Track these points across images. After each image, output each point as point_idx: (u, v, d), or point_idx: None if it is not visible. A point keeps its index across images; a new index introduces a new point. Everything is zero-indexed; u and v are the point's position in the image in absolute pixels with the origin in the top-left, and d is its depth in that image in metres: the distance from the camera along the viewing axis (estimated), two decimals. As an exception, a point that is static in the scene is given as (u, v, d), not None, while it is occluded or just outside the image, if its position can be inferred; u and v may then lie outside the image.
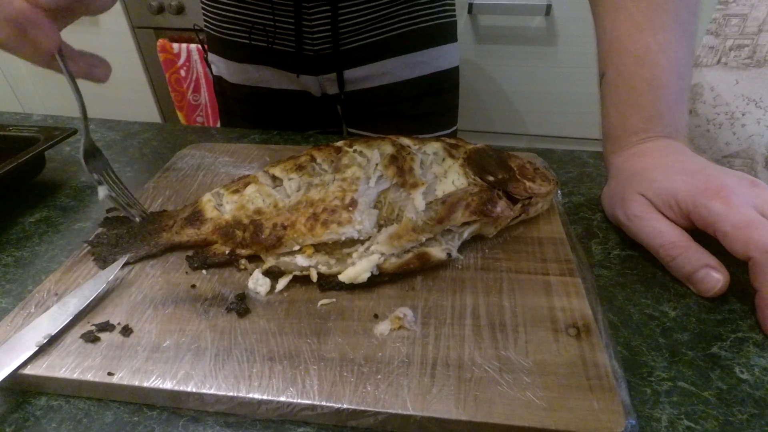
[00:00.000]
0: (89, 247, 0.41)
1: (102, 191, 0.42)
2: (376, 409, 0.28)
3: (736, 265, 0.37)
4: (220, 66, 0.81)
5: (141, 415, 0.31)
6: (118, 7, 1.52)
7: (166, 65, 1.54)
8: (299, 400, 0.29)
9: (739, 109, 2.35)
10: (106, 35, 1.58)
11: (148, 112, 1.73)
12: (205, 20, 0.79)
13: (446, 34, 0.78)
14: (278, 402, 0.29)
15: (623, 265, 0.42)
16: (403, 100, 0.78)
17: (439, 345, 0.32)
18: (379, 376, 0.30)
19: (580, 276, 0.38)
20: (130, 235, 0.42)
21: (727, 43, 2.18)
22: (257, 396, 0.29)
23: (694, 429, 0.29)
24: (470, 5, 1.31)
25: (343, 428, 0.30)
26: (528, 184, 0.42)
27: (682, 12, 0.46)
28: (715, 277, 0.37)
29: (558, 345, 0.32)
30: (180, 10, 1.50)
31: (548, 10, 1.29)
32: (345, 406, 0.29)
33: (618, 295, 0.39)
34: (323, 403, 0.29)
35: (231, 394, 0.29)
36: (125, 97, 1.71)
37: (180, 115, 1.65)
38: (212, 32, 0.78)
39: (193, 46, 1.50)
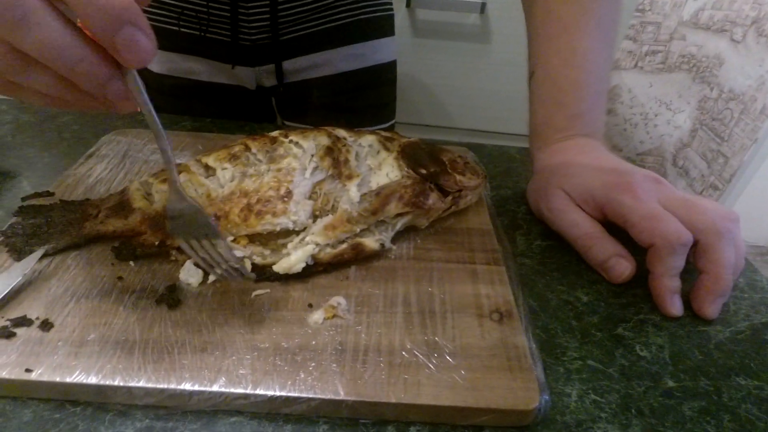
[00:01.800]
0: (2, 238, 0.39)
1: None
2: (309, 396, 0.29)
3: (641, 255, 0.41)
4: None
5: (63, 412, 0.30)
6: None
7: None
8: (231, 390, 0.29)
9: (653, 110, 2.54)
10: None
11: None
12: None
13: (384, 27, 0.79)
14: (210, 392, 0.29)
15: (543, 254, 0.45)
16: (341, 92, 0.78)
17: (371, 332, 0.33)
18: (313, 364, 0.31)
19: (505, 265, 0.40)
20: (49, 225, 0.40)
21: (644, 48, 2.34)
22: (188, 387, 0.29)
23: (599, 402, 0.32)
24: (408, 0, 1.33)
25: (277, 416, 0.30)
26: (458, 177, 0.44)
27: (605, 19, 0.50)
28: (624, 265, 0.41)
29: (482, 329, 0.34)
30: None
31: (483, 8, 1.34)
32: (278, 393, 0.29)
33: (538, 283, 0.42)
34: (256, 392, 0.29)
35: (161, 386, 0.29)
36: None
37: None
38: None
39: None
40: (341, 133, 0.46)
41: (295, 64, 0.74)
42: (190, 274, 0.37)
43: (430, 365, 0.31)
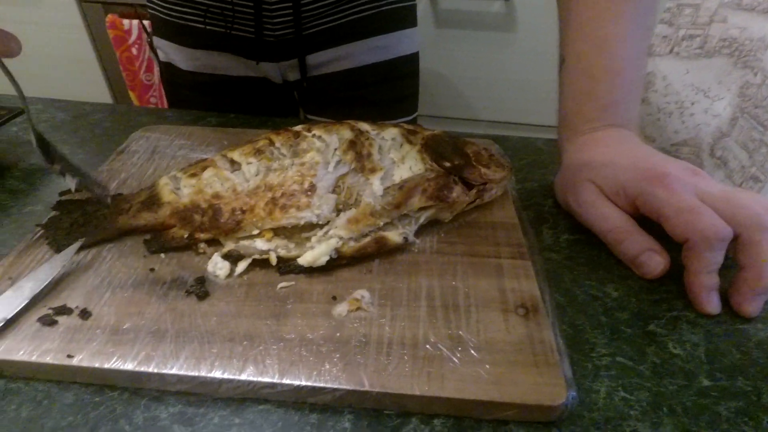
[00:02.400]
0: (42, 231, 0.40)
1: (72, 182, 0.41)
2: (334, 386, 0.29)
3: (675, 250, 0.40)
4: (169, 51, 0.76)
5: (102, 396, 0.31)
6: (63, -22, 1.44)
7: (116, 42, 1.48)
8: (259, 379, 0.30)
9: (689, 98, 2.45)
10: (50, 9, 1.50)
11: (99, 91, 1.66)
12: (150, 0, 0.75)
13: (406, 18, 0.78)
14: (239, 381, 0.30)
15: (571, 248, 0.45)
16: (364, 85, 0.78)
17: (394, 325, 0.34)
18: (337, 355, 0.31)
19: (531, 259, 0.40)
20: (85, 219, 0.41)
21: (680, 32, 2.26)
22: (218, 375, 0.30)
23: (629, 399, 0.32)
24: (431, -11, 1.32)
25: (303, 405, 0.31)
26: (483, 170, 0.43)
27: (641, 3, 0.48)
28: (657, 260, 0.40)
29: (507, 324, 0.34)
30: (131, -17, 1.44)
31: (508, -4, 1.31)
32: (304, 383, 0.30)
33: (565, 277, 0.41)
34: (283, 381, 0.30)
35: (192, 373, 0.30)
36: (73, 76, 1.63)
37: (132, 96, 1.59)
38: (159, 15, 0.73)
39: (146, 22, 1.44)
40: (364, 126, 0.46)
41: (318, 58, 0.75)
42: (217, 267, 0.37)
43: (454, 359, 0.31)
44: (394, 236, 0.39)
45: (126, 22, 1.43)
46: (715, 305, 0.38)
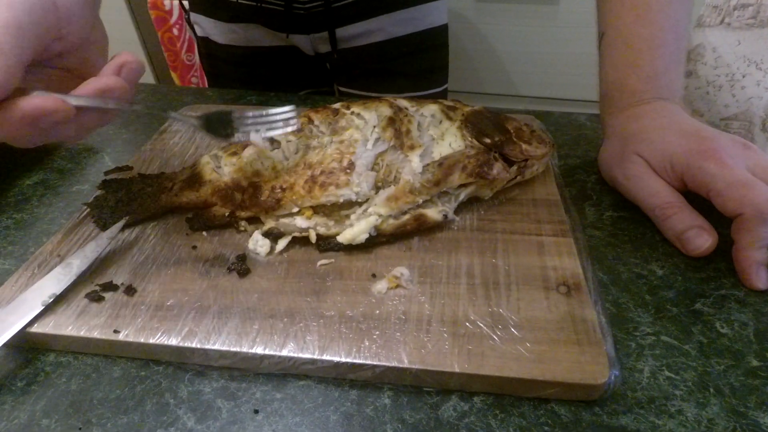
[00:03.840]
0: (89, 210, 0.42)
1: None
2: (374, 363, 0.30)
3: (723, 227, 0.38)
4: (206, 26, 0.78)
5: (148, 370, 0.32)
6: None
7: (157, 23, 1.50)
8: (300, 355, 0.30)
9: (740, 70, 2.32)
10: (93, -9, 1.54)
11: (140, 73, 1.70)
12: None
13: None
14: (280, 356, 0.30)
15: (615, 226, 0.43)
16: (394, 57, 0.78)
17: (434, 303, 0.33)
18: (377, 332, 0.31)
19: (573, 237, 0.39)
20: (129, 198, 0.43)
21: (732, 2, 2.14)
22: (260, 351, 0.30)
23: (674, 379, 0.31)
24: (469, -39, 1.28)
25: (343, 381, 0.31)
26: (524, 146, 0.42)
27: None
28: (704, 237, 0.39)
29: (548, 302, 0.33)
30: (170, -35, 1.45)
31: (549, -34, 1.27)
32: (344, 359, 0.30)
33: (608, 255, 0.40)
34: (323, 357, 0.30)
35: (234, 349, 0.31)
36: (115, 56, 1.68)
37: (174, 76, 1.62)
38: None
39: (186, 1, 1.46)
40: (403, 103, 0.45)
41: (347, 31, 0.74)
42: (258, 244, 0.38)
43: (495, 337, 0.31)
44: (433, 214, 0.39)
45: (167, 2, 1.45)
46: (765, 281, 0.36)
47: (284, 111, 0.38)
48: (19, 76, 0.28)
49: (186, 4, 0.81)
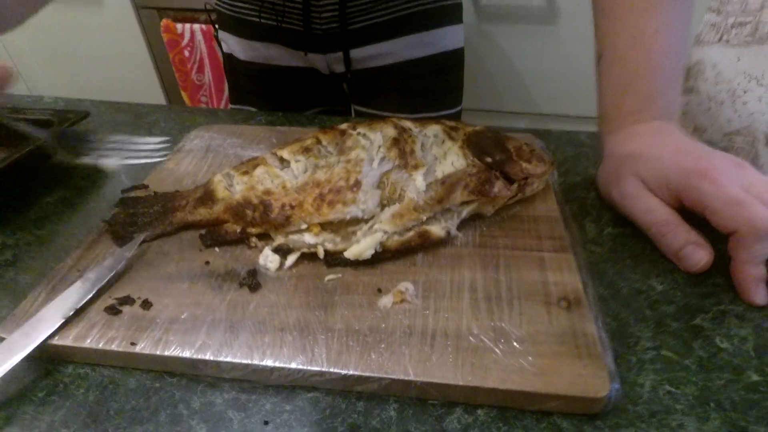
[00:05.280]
0: (107, 226, 0.43)
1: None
2: (380, 375, 0.31)
3: (721, 242, 0.39)
4: (230, 43, 0.83)
5: (162, 382, 0.33)
6: (121, -15, 1.52)
7: (170, 45, 1.54)
8: (309, 367, 0.31)
9: (741, 86, 2.34)
10: (109, 15, 1.59)
11: (152, 91, 1.74)
12: None
13: (451, 15, 0.79)
14: (289, 369, 0.31)
15: (615, 241, 0.44)
16: (409, 78, 0.80)
17: (438, 317, 0.34)
18: (383, 345, 0.32)
19: (573, 252, 0.40)
20: (145, 215, 0.44)
21: (729, 20, 2.16)
22: (270, 363, 0.32)
23: (674, 393, 0.31)
24: (472, -16, 1.31)
25: (350, 393, 0.32)
26: (524, 164, 0.43)
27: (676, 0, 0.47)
28: (700, 254, 0.40)
29: (550, 316, 0.34)
30: (183, -11, 1.50)
31: (549, -12, 1.29)
32: (351, 372, 0.31)
33: (609, 270, 0.41)
34: (331, 370, 0.31)
35: (245, 361, 0.32)
36: (129, 77, 1.72)
37: (184, 95, 1.65)
38: (223, 10, 0.80)
39: (196, 26, 1.50)
40: (407, 124, 0.47)
41: (362, 52, 0.77)
42: (268, 260, 0.39)
43: (497, 350, 0.32)
44: (437, 230, 0.40)
45: (179, 26, 1.49)
46: (763, 296, 0.37)
47: (152, 142, 0.40)
48: None
49: (213, 20, 0.86)
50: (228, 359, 0.32)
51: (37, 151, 0.52)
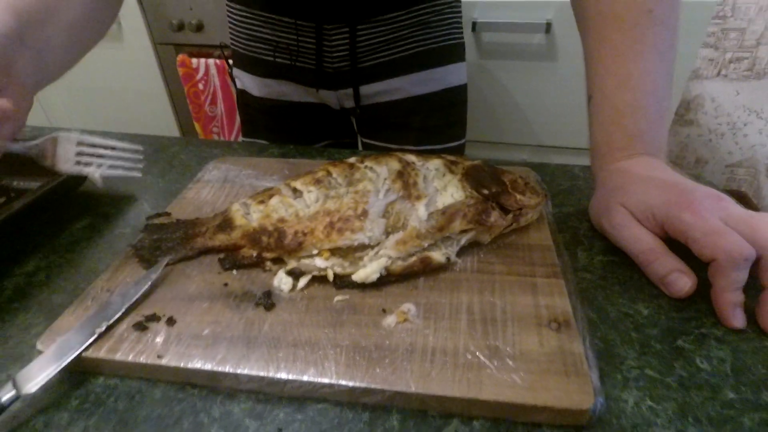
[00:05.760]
0: (134, 250, 0.47)
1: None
2: (384, 388, 0.34)
3: (703, 270, 0.42)
4: (244, 80, 0.87)
5: (184, 393, 0.36)
6: (140, 24, 1.60)
7: (185, 79, 1.62)
8: (319, 380, 0.34)
9: (741, 119, 2.39)
10: (129, 50, 1.66)
11: (167, 122, 1.81)
12: (232, 38, 0.86)
13: (455, 53, 0.84)
14: (301, 381, 0.34)
15: (605, 269, 0.47)
16: (415, 113, 0.85)
17: (438, 336, 0.38)
18: (387, 361, 0.35)
19: (564, 278, 0.43)
20: (169, 240, 0.48)
21: (727, 55, 2.23)
22: (283, 376, 0.35)
23: (655, 408, 0.34)
24: (474, 23, 1.37)
25: (356, 404, 0.35)
26: (518, 196, 0.47)
27: (660, 43, 0.52)
28: (684, 280, 0.42)
29: (540, 337, 0.37)
30: (199, 28, 1.58)
31: (548, 28, 1.35)
32: (357, 384, 0.34)
33: (598, 296, 0.44)
34: (339, 382, 0.34)
35: (261, 374, 0.35)
36: (145, 108, 1.79)
37: (197, 126, 1.72)
38: (238, 49, 0.85)
39: (210, 61, 1.57)
40: (410, 158, 0.51)
41: (371, 89, 0.82)
42: (282, 282, 0.43)
43: (491, 367, 0.35)
44: (437, 256, 0.44)
45: (194, 60, 1.56)
46: (740, 320, 0.40)
47: (127, 149, 0.44)
48: None
49: (226, 56, 0.92)
50: (246, 372, 0.35)
51: (69, 181, 0.56)
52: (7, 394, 0.33)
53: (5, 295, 0.46)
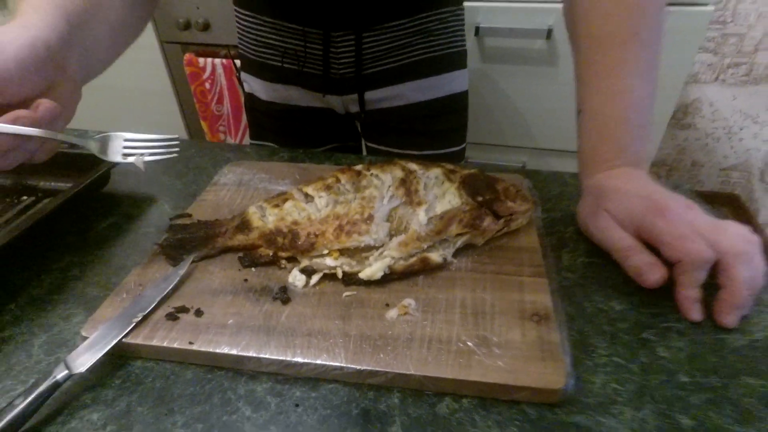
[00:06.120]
0: (160, 249, 0.52)
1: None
2: (387, 370, 0.39)
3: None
4: (252, 84, 0.92)
5: (213, 374, 0.42)
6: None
7: (192, 78, 1.66)
8: (331, 363, 0.40)
9: (737, 124, 2.44)
10: (136, 49, 1.69)
11: (174, 121, 1.85)
12: (240, 43, 0.90)
13: (457, 61, 0.88)
14: (315, 364, 0.40)
15: (585, 269, 0.53)
16: (417, 119, 0.89)
17: (434, 327, 0.43)
18: (389, 348, 0.41)
19: (548, 277, 0.49)
20: (192, 240, 0.53)
21: (725, 60, 2.28)
22: (300, 360, 0.40)
23: (619, 389, 0.39)
24: (477, 28, 1.42)
25: (362, 384, 0.40)
26: (509, 203, 0.52)
27: (643, 64, 0.56)
28: (656, 271, 0.47)
29: (523, 328, 0.43)
30: (206, 27, 1.62)
31: (549, 34, 1.40)
32: (364, 367, 0.39)
33: (578, 293, 0.49)
34: (348, 366, 0.39)
35: (281, 358, 0.40)
36: (152, 107, 1.84)
37: (204, 125, 1.76)
38: (247, 54, 0.89)
39: (217, 60, 1.61)
40: (412, 166, 0.56)
41: (375, 95, 0.86)
42: (296, 279, 0.48)
43: (479, 353, 0.40)
44: (435, 257, 0.49)
45: (201, 60, 1.61)
46: (698, 313, 0.45)
47: (165, 139, 0.52)
48: None
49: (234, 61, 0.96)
50: (267, 356, 0.40)
51: (98, 181, 0.61)
52: (61, 373, 0.38)
53: (45, 288, 0.51)
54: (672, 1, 1.33)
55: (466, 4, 0.91)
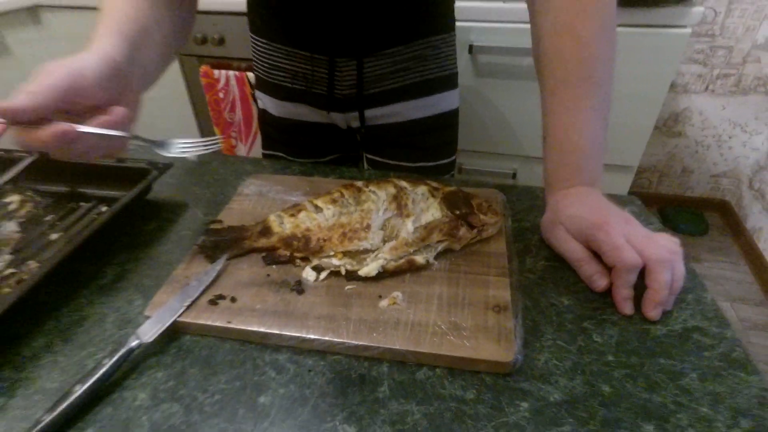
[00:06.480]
0: (199, 248, 0.65)
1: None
2: (378, 345, 0.51)
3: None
4: (265, 101, 1.04)
5: (245, 347, 0.54)
6: (170, 38, 1.77)
7: (207, 88, 1.78)
8: (336, 339, 0.52)
9: (726, 132, 2.55)
10: (158, 60, 1.83)
11: (189, 127, 1.98)
12: (255, 65, 1.02)
13: (448, 83, 1.00)
14: (323, 340, 0.52)
15: (544, 271, 0.64)
16: (412, 134, 1.00)
17: (417, 314, 0.55)
18: (381, 329, 0.53)
19: (510, 277, 0.60)
20: (224, 242, 0.65)
21: (714, 71, 2.38)
22: (312, 336, 0.52)
23: (558, 365, 0.51)
24: (470, 46, 1.54)
25: (359, 357, 0.52)
26: (482, 216, 0.64)
27: (596, 100, 0.68)
28: (602, 280, 0.59)
29: (486, 317, 0.54)
30: (221, 42, 1.74)
31: (538, 53, 1.51)
32: (361, 343, 0.51)
33: (535, 290, 0.61)
34: (349, 342, 0.52)
35: (297, 335, 0.52)
36: (170, 114, 1.96)
37: (216, 131, 1.89)
38: (261, 75, 1.01)
39: (231, 72, 1.73)
40: (403, 183, 0.68)
41: (374, 113, 0.98)
42: (308, 274, 0.60)
43: (451, 335, 0.52)
44: (420, 259, 0.61)
45: (216, 71, 1.73)
46: (630, 308, 0.57)
47: (210, 140, 0.64)
48: (42, 111, 0.47)
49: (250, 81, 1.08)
50: (286, 333, 0.53)
51: (145, 189, 0.73)
52: (134, 342, 0.50)
53: (108, 278, 0.63)
54: (654, 23, 1.45)
55: (460, 23, 1.02)
